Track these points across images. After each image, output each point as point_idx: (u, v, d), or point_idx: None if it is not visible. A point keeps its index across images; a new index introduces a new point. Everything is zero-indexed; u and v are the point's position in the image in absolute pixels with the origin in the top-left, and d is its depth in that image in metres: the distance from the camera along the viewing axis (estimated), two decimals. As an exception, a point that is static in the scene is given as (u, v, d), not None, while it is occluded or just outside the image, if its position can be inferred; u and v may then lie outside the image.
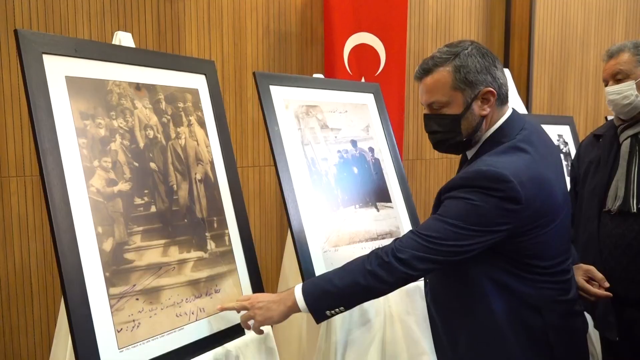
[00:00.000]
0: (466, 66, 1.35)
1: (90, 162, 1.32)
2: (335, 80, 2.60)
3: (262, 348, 1.59)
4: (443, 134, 1.41)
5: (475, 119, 1.37)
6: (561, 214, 1.37)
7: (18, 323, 2.60)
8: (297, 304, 1.38)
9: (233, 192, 1.67)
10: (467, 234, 1.28)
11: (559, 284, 1.38)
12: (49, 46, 1.30)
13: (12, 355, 2.58)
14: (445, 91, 1.37)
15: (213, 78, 1.70)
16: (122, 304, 1.30)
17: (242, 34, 2.95)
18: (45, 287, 2.65)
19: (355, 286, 1.34)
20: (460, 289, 1.40)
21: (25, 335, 2.61)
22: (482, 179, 1.28)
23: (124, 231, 1.35)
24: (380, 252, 1.34)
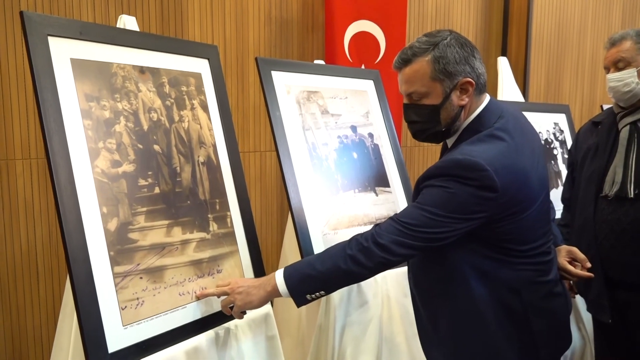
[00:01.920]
0: (445, 57, 1.36)
1: (95, 143, 1.35)
2: (336, 67, 2.62)
3: (263, 327, 1.63)
4: (422, 123, 1.43)
5: (454, 109, 1.39)
6: (538, 199, 1.39)
7: (24, 303, 2.65)
8: (278, 288, 1.40)
9: (235, 175, 1.70)
10: (444, 221, 1.31)
11: (538, 266, 1.41)
12: (54, 28, 1.32)
13: (18, 335, 2.64)
14: (424, 82, 1.38)
15: (216, 62, 1.73)
16: (127, 282, 1.34)
17: (244, 19, 2.97)
18: (51, 268, 2.69)
19: (336, 270, 1.37)
20: (440, 273, 1.43)
21: (31, 316, 2.66)
22: (458, 168, 1.30)
23: (128, 211, 1.38)
24: (360, 237, 1.37)
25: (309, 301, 1.41)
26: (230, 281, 1.49)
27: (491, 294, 1.37)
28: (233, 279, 1.51)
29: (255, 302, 1.43)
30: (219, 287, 1.49)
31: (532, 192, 1.37)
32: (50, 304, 2.70)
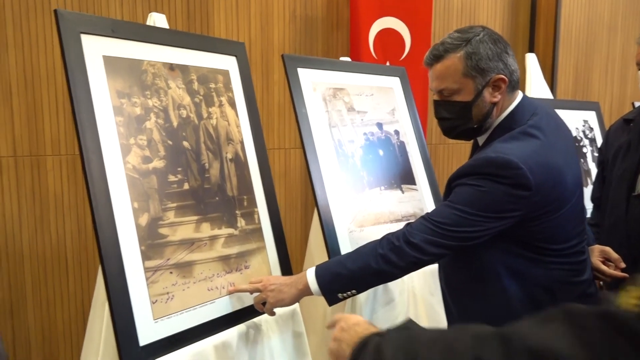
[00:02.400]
0: (478, 53, 1.34)
1: (127, 139, 1.37)
2: (362, 64, 2.62)
3: (290, 324, 1.63)
4: (453, 120, 1.41)
5: (486, 106, 1.37)
6: (572, 198, 1.37)
7: (54, 297, 2.70)
8: (310, 286, 1.41)
9: (262, 171, 1.71)
10: (477, 220, 1.29)
11: (573, 265, 1.39)
12: (87, 26, 1.34)
13: (48, 327, 2.69)
14: (456, 78, 1.36)
15: (243, 60, 1.74)
16: (157, 276, 1.36)
17: (269, 17, 2.98)
18: (80, 262, 2.74)
19: (367, 269, 1.36)
20: (472, 272, 1.42)
21: (60, 309, 2.71)
22: (491, 166, 1.29)
23: (159, 207, 1.40)
24: (392, 236, 1.36)
25: (341, 300, 1.41)
26: (263, 278, 1.50)
27: (524, 293, 1.35)
28: (265, 277, 1.52)
29: (287, 299, 1.44)
30: (251, 284, 1.50)
31: (566, 191, 1.34)
32: (79, 298, 2.76)
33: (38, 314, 2.68)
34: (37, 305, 2.67)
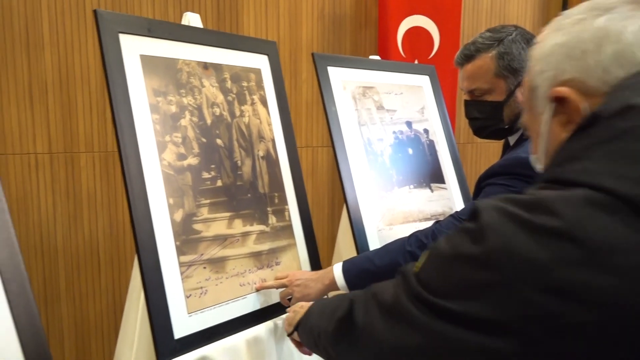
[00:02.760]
0: (510, 53, 1.33)
1: (163, 136, 1.39)
2: (391, 62, 2.61)
3: (319, 320, 1.64)
4: (484, 120, 1.40)
5: (517, 106, 1.36)
6: None
7: (87, 291, 2.77)
8: (336, 281, 1.42)
9: (293, 169, 1.73)
10: None
11: None
12: (124, 26, 1.37)
13: (81, 320, 2.76)
14: (487, 78, 1.36)
15: (275, 58, 1.75)
16: (191, 271, 1.38)
17: (298, 16, 2.99)
18: (112, 259, 2.80)
19: (395, 266, 1.34)
20: None
21: (93, 302, 2.78)
22: (522, 166, 1.27)
23: (193, 203, 1.42)
24: (420, 234, 1.36)
25: None
26: (289, 273, 1.51)
27: None
28: (291, 272, 1.54)
29: (312, 294, 1.45)
30: (277, 280, 1.52)
31: None
32: (111, 292, 2.81)
33: (71, 308, 2.74)
34: (70, 300, 2.74)
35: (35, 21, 2.57)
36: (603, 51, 0.67)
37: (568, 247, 0.56)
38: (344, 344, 0.86)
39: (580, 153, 0.63)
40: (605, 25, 0.67)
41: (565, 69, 0.70)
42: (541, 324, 0.57)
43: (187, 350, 1.32)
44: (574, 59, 0.69)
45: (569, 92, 0.69)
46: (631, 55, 0.66)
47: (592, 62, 0.68)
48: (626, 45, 0.66)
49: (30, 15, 2.56)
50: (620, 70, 0.66)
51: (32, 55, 2.58)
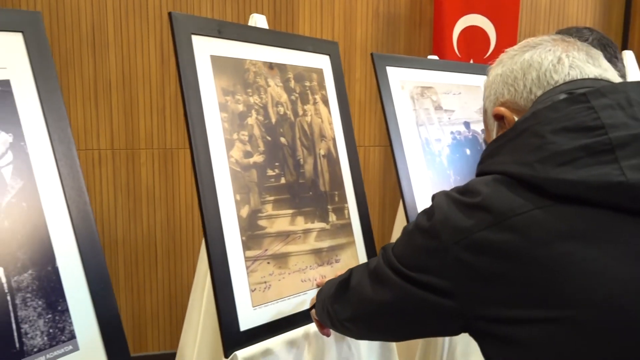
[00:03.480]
0: None
1: (231, 134, 1.44)
2: (449, 62, 2.59)
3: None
4: None
5: None
6: None
7: (144, 283, 2.86)
8: None
9: (352, 168, 1.74)
10: None
11: None
12: (197, 27, 1.42)
13: (138, 312, 2.86)
14: None
15: (336, 59, 1.78)
16: (256, 266, 1.42)
17: (353, 16, 3.01)
18: (168, 252, 2.89)
19: None
20: None
21: (149, 294, 2.87)
22: None
23: (258, 200, 1.46)
24: None
25: None
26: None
27: None
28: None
29: None
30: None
31: None
32: (167, 284, 2.91)
33: (129, 299, 2.85)
34: (128, 291, 2.84)
35: (102, 22, 2.68)
36: (528, 77, 0.88)
37: (484, 215, 0.77)
38: (340, 301, 1.08)
39: (495, 151, 0.84)
40: (530, 57, 0.89)
41: (503, 93, 0.91)
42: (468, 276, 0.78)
43: (251, 342, 1.36)
44: (508, 85, 0.91)
45: (505, 111, 0.91)
46: (548, 78, 0.86)
47: (521, 86, 0.89)
48: (544, 71, 0.87)
49: (96, 16, 2.67)
50: (540, 90, 0.87)
51: (98, 55, 2.69)
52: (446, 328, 0.87)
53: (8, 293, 1.07)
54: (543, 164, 0.75)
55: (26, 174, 1.14)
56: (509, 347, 0.77)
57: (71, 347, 1.14)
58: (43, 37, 1.23)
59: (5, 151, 1.12)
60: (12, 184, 1.12)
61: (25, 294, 1.09)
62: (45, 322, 1.11)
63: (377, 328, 1.02)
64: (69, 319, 1.15)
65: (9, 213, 1.10)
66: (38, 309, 1.10)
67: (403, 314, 0.89)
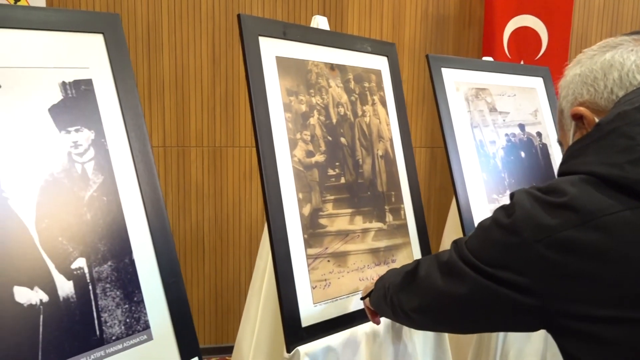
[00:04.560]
0: None
1: (294, 134, 1.47)
2: (504, 63, 2.57)
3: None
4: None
5: None
6: None
7: (191, 277, 2.93)
8: None
9: (409, 169, 1.75)
10: None
11: None
12: (263, 29, 1.45)
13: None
14: None
15: (394, 60, 1.79)
16: (317, 264, 1.45)
17: (401, 16, 3.01)
18: (215, 248, 2.95)
19: None
20: None
21: (196, 288, 2.94)
22: None
23: (319, 199, 1.49)
24: None
25: None
26: None
27: None
28: None
29: None
30: None
31: None
32: (213, 279, 2.97)
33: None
34: (177, 284, 2.90)
35: (157, 24, 2.75)
36: (609, 77, 0.88)
37: (570, 214, 0.76)
38: (407, 291, 1.09)
39: (579, 152, 0.84)
40: (611, 57, 0.89)
41: (582, 93, 0.91)
42: (551, 274, 0.78)
43: (312, 339, 1.38)
44: (588, 85, 0.91)
45: (585, 111, 0.90)
46: (631, 79, 0.86)
47: (602, 86, 0.89)
48: (627, 72, 0.87)
49: (152, 19, 2.75)
50: (622, 90, 0.87)
51: (152, 56, 2.77)
52: (523, 324, 0.87)
53: (90, 283, 1.12)
54: (634, 166, 0.75)
55: (106, 169, 1.19)
56: (591, 344, 0.77)
57: (145, 337, 1.18)
58: (122, 38, 1.28)
59: (88, 147, 1.18)
60: (93, 179, 1.17)
61: (105, 285, 1.14)
62: (123, 311, 1.16)
63: (444, 319, 1.02)
64: (143, 309, 1.19)
65: (91, 206, 1.15)
66: (116, 299, 1.15)
67: (476, 308, 0.89)
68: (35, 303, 1.04)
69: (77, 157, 1.15)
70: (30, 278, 1.04)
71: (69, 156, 1.14)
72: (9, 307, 1.00)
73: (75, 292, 1.09)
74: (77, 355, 1.08)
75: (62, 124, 1.14)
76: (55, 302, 1.06)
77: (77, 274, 1.11)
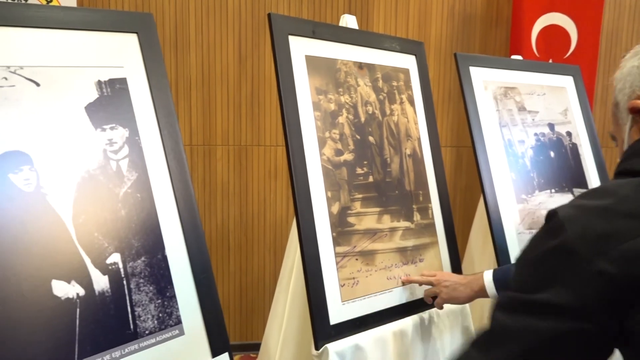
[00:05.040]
0: None
1: (323, 133, 1.47)
2: (534, 62, 2.54)
3: (459, 318, 1.65)
4: None
5: None
6: None
7: (216, 275, 2.95)
8: (486, 290, 1.42)
9: (436, 168, 1.75)
10: None
11: None
12: (293, 28, 1.46)
13: (211, 302, 2.95)
14: None
15: (422, 59, 1.78)
16: (345, 262, 1.45)
17: (427, 15, 2.99)
18: (240, 246, 2.97)
19: None
20: None
21: (221, 285, 2.96)
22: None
23: (348, 197, 1.49)
24: None
25: None
26: (437, 273, 1.54)
27: None
28: (439, 272, 1.56)
29: (461, 298, 1.47)
30: (424, 276, 1.55)
31: None
32: (238, 276, 2.99)
33: (202, 289, 2.94)
34: (203, 281, 2.93)
35: (184, 23, 2.79)
36: None
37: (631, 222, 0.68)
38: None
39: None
40: None
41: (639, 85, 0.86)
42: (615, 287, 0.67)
43: (340, 336, 1.39)
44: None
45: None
46: None
47: None
48: None
49: (179, 18, 2.78)
50: None
51: (180, 55, 2.80)
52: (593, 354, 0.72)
53: (124, 278, 1.14)
54: None
55: (140, 166, 1.21)
56: None
57: (177, 332, 1.20)
58: (155, 37, 1.30)
59: (122, 145, 1.20)
60: (128, 176, 1.20)
61: (139, 280, 1.16)
62: (156, 306, 1.18)
63: None
64: (175, 304, 1.21)
65: (125, 203, 1.17)
66: (149, 294, 1.17)
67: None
68: (72, 297, 1.06)
69: (112, 155, 1.18)
70: (68, 272, 1.07)
71: (104, 153, 1.16)
72: (48, 300, 1.03)
73: (110, 287, 1.12)
74: (111, 349, 1.10)
75: (97, 122, 1.17)
76: (91, 296, 1.08)
77: (112, 269, 1.13)
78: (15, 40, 1.09)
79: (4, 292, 0.97)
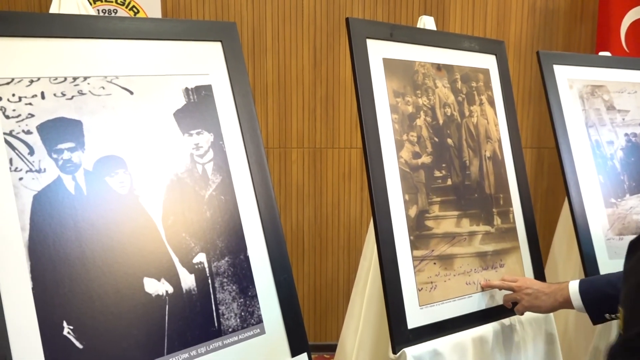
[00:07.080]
0: None
1: (400, 135, 1.46)
2: (623, 58, 2.40)
3: (543, 326, 1.59)
4: None
5: None
6: None
7: (292, 275, 3.01)
8: (571, 301, 1.36)
9: (518, 171, 1.69)
10: None
11: None
12: (371, 31, 1.46)
13: (286, 302, 3.01)
14: None
15: (503, 58, 1.73)
16: (423, 266, 1.43)
17: (507, 11, 2.90)
18: (314, 247, 3.01)
19: None
20: None
21: (295, 286, 3.01)
22: None
23: (425, 200, 1.47)
24: None
25: (607, 320, 1.34)
26: (518, 279, 1.49)
27: None
28: (521, 277, 1.51)
29: (543, 308, 1.42)
30: (504, 281, 1.50)
31: None
32: (312, 278, 3.03)
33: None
34: (278, 281, 3.00)
35: (261, 29, 2.86)
36: None
37: None
38: None
39: None
40: None
41: None
42: None
43: (418, 341, 1.37)
44: None
45: None
46: None
47: None
48: None
49: (257, 24, 2.86)
50: None
51: (257, 60, 2.88)
52: None
53: (209, 277, 1.19)
54: None
55: (224, 169, 1.26)
56: None
57: (258, 331, 1.24)
58: (238, 45, 1.35)
59: (208, 149, 1.25)
60: (212, 179, 1.25)
61: (223, 279, 1.21)
62: (238, 305, 1.22)
63: None
64: (257, 304, 1.25)
65: (210, 205, 1.22)
66: (232, 293, 1.22)
67: None
68: (162, 294, 1.12)
69: (198, 158, 1.23)
70: (158, 270, 1.13)
71: (191, 157, 1.22)
72: (141, 297, 1.09)
73: (197, 285, 1.17)
74: (198, 344, 1.15)
75: (185, 127, 1.23)
76: (179, 293, 1.14)
77: (198, 268, 1.18)
78: (111, 51, 1.17)
79: (103, 289, 1.04)
